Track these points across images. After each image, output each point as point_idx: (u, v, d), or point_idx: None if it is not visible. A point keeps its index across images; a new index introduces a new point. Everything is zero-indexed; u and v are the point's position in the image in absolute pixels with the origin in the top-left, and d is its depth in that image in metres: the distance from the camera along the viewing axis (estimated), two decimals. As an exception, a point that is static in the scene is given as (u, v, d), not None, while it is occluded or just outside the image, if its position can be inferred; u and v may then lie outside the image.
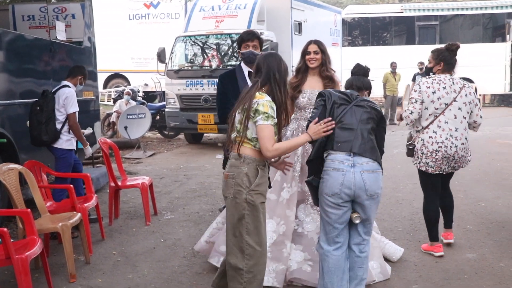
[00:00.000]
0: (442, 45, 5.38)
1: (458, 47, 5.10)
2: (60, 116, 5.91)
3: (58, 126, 5.90)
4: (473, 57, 20.42)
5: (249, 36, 4.97)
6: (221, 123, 5.24)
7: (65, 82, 6.11)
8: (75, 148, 6.14)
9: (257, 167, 3.48)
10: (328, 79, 4.80)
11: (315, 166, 3.77)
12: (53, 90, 6.08)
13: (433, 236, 5.07)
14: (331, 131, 3.64)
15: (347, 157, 3.64)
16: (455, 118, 4.88)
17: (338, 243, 3.75)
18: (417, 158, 5.01)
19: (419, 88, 4.92)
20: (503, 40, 21.49)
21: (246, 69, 5.01)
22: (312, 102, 4.72)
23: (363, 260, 3.79)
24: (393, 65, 17.14)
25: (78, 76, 6.20)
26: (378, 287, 4.36)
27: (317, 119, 3.67)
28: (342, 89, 4.44)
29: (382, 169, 3.73)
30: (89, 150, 6.37)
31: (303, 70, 4.85)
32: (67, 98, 5.89)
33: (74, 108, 5.94)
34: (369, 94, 4.13)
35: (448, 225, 5.28)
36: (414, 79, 16.88)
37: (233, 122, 3.54)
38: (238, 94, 4.88)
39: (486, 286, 4.31)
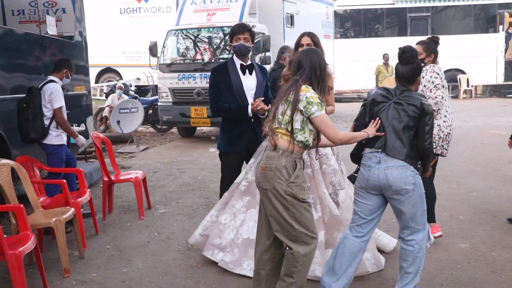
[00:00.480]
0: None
1: (439, 39, 5.48)
2: (48, 112, 5.84)
3: (46, 122, 5.83)
4: (464, 48, 20.58)
5: (240, 29, 4.95)
6: (214, 116, 5.26)
7: (50, 77, 6.03)
8: (65, 143, 6.09)
9: (294, 159, 3.54)
10: None
11: (356, 159, 4.02)
12: (39, 86, 6.03)
13: (433, 217, 5.20)
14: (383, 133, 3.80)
15: (375, 154, 3.80)
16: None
17: (361, 233, 3.90)
18: (434, 142, 5.04)
19: (438, 75, 5.10)
20: (495, 31, 21.56)
21: (238, 62, 5.00)
22: None
23: (406, 253, 3.86)
24: (386, 57, 17.10)
25: (63, 70, 6.10)
26: (372, 278, 4.39)
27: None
28: (333, 82, 4.50)
29: (413, 165, 3.76)
30: (81, 141, 6.25)
31: None
32: (52, 94, 5.81)
33: (59, 103, 5.83)
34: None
35: (432, 219, 5.27)
36: None
37: (275, 114, 3.58)
38: (230, 87, 4.92)
39: (478, 276, 4.35)
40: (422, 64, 5.00)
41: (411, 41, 20.01)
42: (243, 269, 4.46)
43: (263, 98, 4.92)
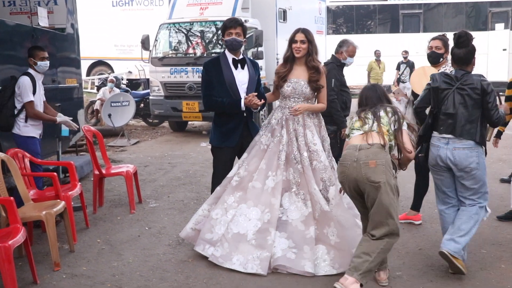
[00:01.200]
0: (426, 34, 5.66)
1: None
2: (18, 104, 5.72)
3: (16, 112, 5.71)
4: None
5: (231, 24, 4.92)
6: (206, 110, 5.25)
7: (28, 70, 5.91)
8: (37, 136, 5.91)
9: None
10: (314, 69, 4.82)
11: (422, 140, 4.50)
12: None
13: (419, 207, 5.70)
14: None
15: (444, 136, 4.30)
16: None
17: (449, 204, 4.47)
18: None
19: None
20: (486, 28, 21.64)
21: (230, 57, 4.99)
22: (297, 91, 4.79)
23: (463, 213, 4.33)
24: (377, 53, 17.11)
25: (28, 60, 5.96)
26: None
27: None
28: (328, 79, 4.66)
29: (481, 146, 4.30)
30: (63, 118, 6.05)
31: (290, 59, 4.87)
32: (20, 88, 5.68)
33: (27, 97, 5.65)
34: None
35: (417, 208, 5.75)
36: (398, 68, 16.93)
37: (378, 117, 4.05)
38: (223, 81, 4.91)
39: (468, 272, 4.36)
40: (441, 60, 5.34)
41: (403, 38, 20.21)
42: (233, 264, 4.46)
43: (256, 93, 4.91)
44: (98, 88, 15.62)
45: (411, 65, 16.82)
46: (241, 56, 5.02)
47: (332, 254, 4.48)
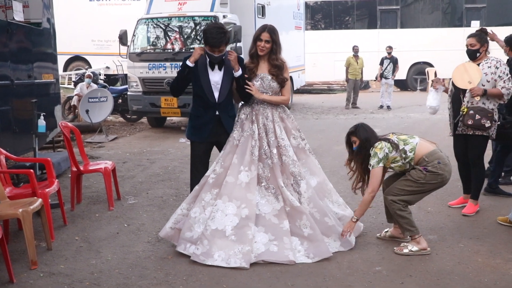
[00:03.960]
0: (403, 29, 5.93)
1: (486, 30, 5.96)
2: None
3: None
4: (433, 42, 20.79)
5: (217, 43, 4.79)
6: (171, 92, 5.22)
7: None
8: None
9: None
10: (276, 67, 4.92)
11: None
12: None
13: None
14: None
15: None
16: None
17: None
18: (494, 129, 5.65)
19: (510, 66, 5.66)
20: (462, 25, 21.86)
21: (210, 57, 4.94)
22: (265, 85, 4.92)
23: None
24: (355, 49, 17.12)
25: None
26: (342, 268, 4.40)
27: None
28: (289, 73, 5.05)
29: None
30: None
31: (256, 55, 4.94)
32: None
33: None
34: None
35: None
36: (382, 63, 16.90)
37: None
38: (198, 79, 4.87)
39: (446, 266, 4.40)
40: (478, 55, 5.62)
41: (381, 33, 20.27)
42: (215, 260, 4.46)
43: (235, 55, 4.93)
44: (76, 83, 15.44)
45: (394, 61, 16.87)
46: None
47: (306, 245, 4.62)
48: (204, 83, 4.96)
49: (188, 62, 4.89)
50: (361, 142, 4.75)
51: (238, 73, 4.87)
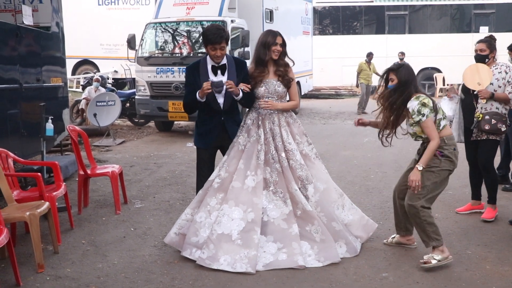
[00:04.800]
0: (412, 35, 5.93)
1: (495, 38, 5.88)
2: None
3: None
4: (441, 47, 20.73)
5: (217, 39, 4.78)
6: (185, 111, 5.25)
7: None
8: None
9: None
10: (281, 66, 4.93)
11: None
12: None
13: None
14: None
15: None
16: None
17: None
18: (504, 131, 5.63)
19: None
20: (470, 30, 21.81)
21: (210, 63, 4.95)
22: (270, 91, 4.91)
23: None
24: (370, 56, 16.96)
25: None
26: (349, 274, 4.38)
27: None
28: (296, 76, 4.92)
29: None
30: None
31: (264, 62, 4.91)
32: None
33: None
34: None
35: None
36: None
37: None
38: (200, 87, 4.86)
39: (453, 273, 4.38)
40: (487, 60, 5.64)
41: (389, 39, 20.17)
42: (220, 264, 4.45)
43: (231, 82, 4.89)
44: (84, 87, 15.48)
45: None
46: (223, 61, 4.98)
47: (316, 249, 4.62)
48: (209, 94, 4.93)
49: (198, 97, 4.91)
50: (399, 82, 4.50)
51: (239, 96, 4.90)
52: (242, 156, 4.84)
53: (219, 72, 4.97)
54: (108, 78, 16.93)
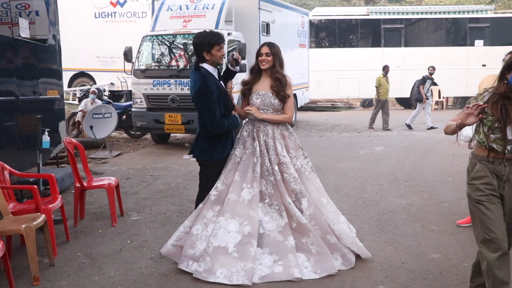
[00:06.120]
0: (407, 48, 5.76)
1: None
2: None
3: None
4: (436, 60, 20.70)
5: (222, 39, 4.87)
6: (218, 131, 4.85)
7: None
8: None
9: (475, 161, 3.67)
10: (278, 80, 4.92)
11: None
12: None
13: None
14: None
15: None
16: None
17: None
18: None
19: None
20: (465, 44, 21.97)
21: (215, 71, 4.92)
22: (265, 103, 4.94)
23: None
24: (386, 69, 16.19)
25: None
26: (346, 287, 4.38)
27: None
28: (292, 90, 4.96)
29: None
30: None
31: (256, 71, 5.01)
32: None
33: None
34: None
35: None
36: (424, 82, 16.18)
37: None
38: (220, 97, 4.82)
39: (450, 286, 4.38)
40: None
41: (385, 51, 20.11)
42: (217, 277, 4.45)
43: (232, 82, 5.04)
44: (80, 99, 15.49)
45: (433, 81, 16.49)
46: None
47: (313, 261, 4.65)
48: (226, 97, 4.95)
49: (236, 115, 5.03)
50: None
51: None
52: (238, 168, 4.85)
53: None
54: (104, 91, 16.93)
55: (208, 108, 4.76)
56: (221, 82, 4.99)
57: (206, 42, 4.83)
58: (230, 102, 4.97)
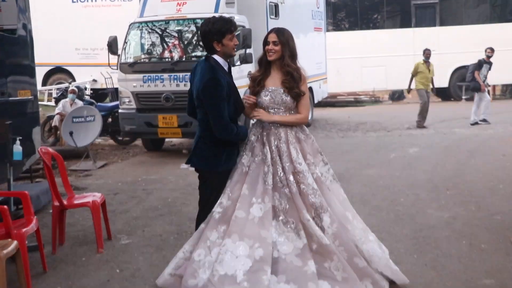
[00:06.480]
0: (443, 27, 5.70)
1: None
2: None
3: None
4: (480, 41, 20.09)
5: (234, 25, 4.89)
6: (227, 135, 4.85)
7: None
8: None
9: None
10: (289, 75, 4.87)
11: None
12: None
13: None
14: None
15: None
16: None
17: None
18: None
19: None
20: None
21: (224, 64, 4.90)
22: (276, 101, 4.89)
23: None
24: (427, 53, 15.86)
25: None
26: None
27: None
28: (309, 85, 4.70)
29: None
30: None
31: (265, 63, 4.97)
32: None
33: None
34: None
35: None
36: (479, 67, 15.98)
37: None
38: (230, 96, 4.81)
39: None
40: None
41: (416, 33, 19.99)
42: (221, 311, 4.41)
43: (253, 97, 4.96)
44: (57, 100, 15.52)
45: (490, 66, 16.08)
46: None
47: None
48: (238, 97, 4.96)
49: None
50: None
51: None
52: (246, 179, 4.81)
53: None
54: (85, 89, 17.05)
55: (216, 106, 4.74)
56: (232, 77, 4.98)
57: (216, 30, 4.80)
58: (240, 101, 4.96)
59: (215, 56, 4.87)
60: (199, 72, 4.87)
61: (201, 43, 11.37)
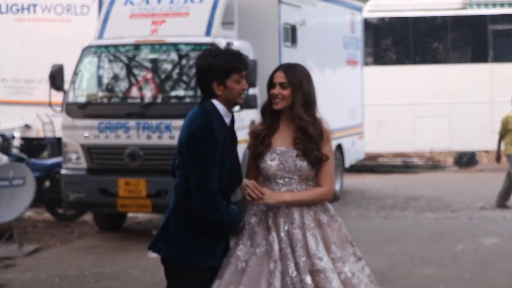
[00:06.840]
0: None
1: None
2: None
3: None
4: None
5: (243, 64, 4.81)
6: (209, 216, 4.81)
7: None
8: None
9: None
10: (303, 131, 4.82)
11: None
12: None
13: None
14: None
15: None
16: None
17: None
18: None
19: None
20: None
21: (227, 115, 4.84)
22: (287, 167, 4.81)
23: None
24: None
25: None
26: None
27: None
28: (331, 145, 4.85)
29: None
30: None
31: (271, 112, 4.93)
32: None
33: None
34: None
35: None
36: None
37: None
38: (226, 157, 4.83)
39: None
40: None
41: (495, 70, 20.04)
42: None
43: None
44: (-27, 153, 15.61)
45: None
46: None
47: None
48: (236, 160, 4.95)
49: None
50: None
51: None
52: (242, 280, 4.77)
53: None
54: (13, 138, 17.08)
55: (204, 165, 4.65)
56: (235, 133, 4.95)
57: (218, 67, 4.74)
58: (239, 169, 4.91)
59: (214, 101, 4.79)
60: (188, 118, 4.83)
61: (184, 78, 11.58)
